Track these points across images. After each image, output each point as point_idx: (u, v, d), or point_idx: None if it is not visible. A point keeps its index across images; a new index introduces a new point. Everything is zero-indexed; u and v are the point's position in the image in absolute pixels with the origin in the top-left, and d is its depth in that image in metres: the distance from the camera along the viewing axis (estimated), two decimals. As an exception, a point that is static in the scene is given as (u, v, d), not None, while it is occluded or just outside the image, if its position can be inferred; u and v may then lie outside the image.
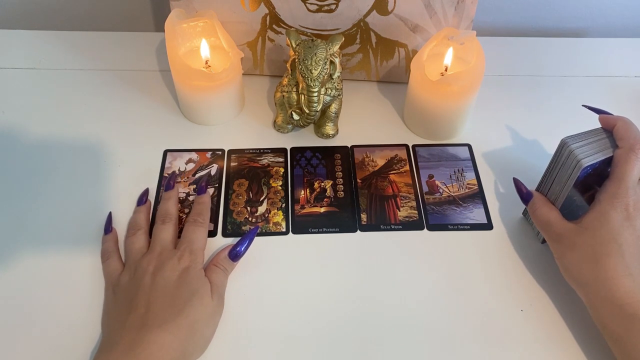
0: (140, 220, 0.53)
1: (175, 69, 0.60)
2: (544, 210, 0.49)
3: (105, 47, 0.72)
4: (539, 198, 0.51)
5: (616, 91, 0.69)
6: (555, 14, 0.78)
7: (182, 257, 0.48)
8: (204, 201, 0.55)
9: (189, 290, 0.45)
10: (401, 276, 0.51)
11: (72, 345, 0.47)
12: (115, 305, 0.46)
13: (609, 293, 0.43)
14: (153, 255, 0.48)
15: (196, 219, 0.52)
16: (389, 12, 0.61)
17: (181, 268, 0.47)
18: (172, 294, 0.45)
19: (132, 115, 0.64)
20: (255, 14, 0.62)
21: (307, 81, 0.55)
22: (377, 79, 0.68)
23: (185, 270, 0.47)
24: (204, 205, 0.54)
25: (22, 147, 0.60)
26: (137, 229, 0.52)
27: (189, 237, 0.50)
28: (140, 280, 0.46)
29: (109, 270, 0.50)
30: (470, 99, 0.60)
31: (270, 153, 0.61)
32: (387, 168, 0.60)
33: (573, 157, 0.46)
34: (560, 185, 0.49)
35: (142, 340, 0.41)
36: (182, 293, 0.45)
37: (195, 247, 0.49)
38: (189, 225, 0.52)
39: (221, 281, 0.49)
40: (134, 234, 0.51)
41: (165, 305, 0.44)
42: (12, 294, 0.49)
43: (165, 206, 0.53)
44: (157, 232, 0.51)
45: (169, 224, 0.51)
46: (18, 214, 0.55)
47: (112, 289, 0.48)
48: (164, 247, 0.49)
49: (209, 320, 0.46)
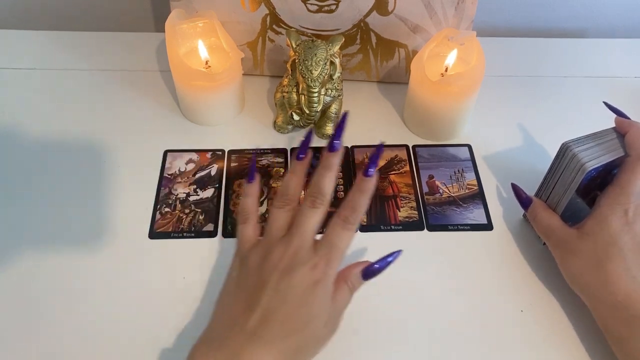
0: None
1: (175, 69, 0.60)
2: (545, 216, 0.49)
3: (105, 47, 0.72)
4: (539, 204, 0.51)
5: (616, 92, 0.69)
6: (555, 14, 0.78)
7: (317, 266, 0.41)
8: (366, 188, 0.43)
9: (311, 312, 0.40)
10: (401, 276, 0.51)
11: (72, 345, 0.47)
12: (235, 288, 0.42)
13: (611, 296, 0.43)
14: (288, 248, 0.42)
15: (347, 217, 0.43)
16: (389, 12, 0.61)
17: (312, 280, 0.40)
18: (292, 310, 0.39)
19: (132, 116, 0.64)
20: (255, 14, 0.62)
21: (307, 81, 0.55)
22: (377, 79, 0.68)
23: (315, 285, 0.40)
24: (363, 196, 0.43)
25: (22, 147, 0.60)
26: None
27: (331, 241, 0.42)
28: (267, 277, 0.40)
29: (242, 236, 0.45)
30: (470, 100, 0.60)
31: (271, 153, 0.61)
32: (387, 168, 0.60)
33: (576, 160, 0.46)
34: (563, 189, 0.48)
35: (246, 351, 0.38)
36: (303, 313, 0.40)
37: (334, 257, 0.42)
38: (336, 224, 0.43)
39: (345, 303, 0.43)
40: (280, 208, 0.45)
41: (281, 320, 0.39)
42: (12, 294, 0.49)
43: (318, 184, 0.44)
44: (301, 217, 0.43)
45: (321, 208, 0.43)
46: (18, 214, 0.55)
47: (240, 262, 0.44)
48: (302, 243, 0.42)
49: (315, 348, 0.41)
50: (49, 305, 0.49)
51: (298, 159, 0.46)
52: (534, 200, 0.51)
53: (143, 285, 0.50)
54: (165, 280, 0.51)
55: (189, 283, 0.51)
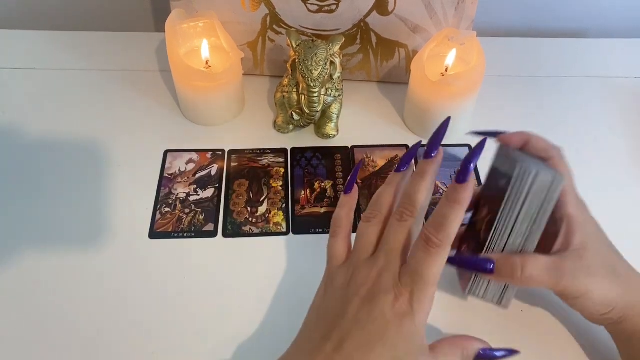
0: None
1: (175, 69, 0.60)
2: (528, 270, 0.39)
3: (105, 47, 0.72)
4: (504, 261, 0.40)
5: (616, 92, 0.69)
6: (555, 14, 0.78)
7: (401, 296, 0.36)
8: (458, 199, 0.36)
9: (391, 354, 0.35)
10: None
11: (72, 345, 0.46)
12: (317, 312, 0.39)
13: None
14: (371, 271, 0.37)
15: (430, 238, 0.36)
16: (390, 12, 0.61)
17: (394, 314, 0.35)
18: (369, 339, 0.35)
19: (132, 115, 0.64)
20: (255, 15, 0.62)
21: (307, 82, 0.56)
22: (378, 79, 0.68)
23: (399, 320, 0.35)
24: (452, 209, 0.36)
25: (22, 147, 0.60)
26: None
27: (414, 269, 0.36)
28: (349, 301, 0.37)
29: (331, 252, 0.41)
30: (470, 100, 0.60)
31: (271, 153, 0.61)
32: (388, 168, 0.60)
33: (543, 178, 0.38)
34: (530, 220, 0.40)
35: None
36: (382, 353, 0.35)
37: (419, 288, 0.36)
38: (418, 246, 0.36)
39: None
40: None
41: (355, 347, 0.35)
42: (12, 294, 0.49)
43: (408, 192, 0.39)
44: (388, 233, 0.39)
45: (409, 220, 0.38)
46: (18, 214, 0.55)
47: (326, 283, 0.40)
48: (388, 264, 0.37)
49: None
50: (49, 305, 0.49)
51: (396, 171, 0.42)
52: (497, 260, 0.40)
53: (143, 286, 0.50)
54: (165, 281, 0.51)
55: (189, 283, 0.51)
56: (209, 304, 0.49)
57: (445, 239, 0.36)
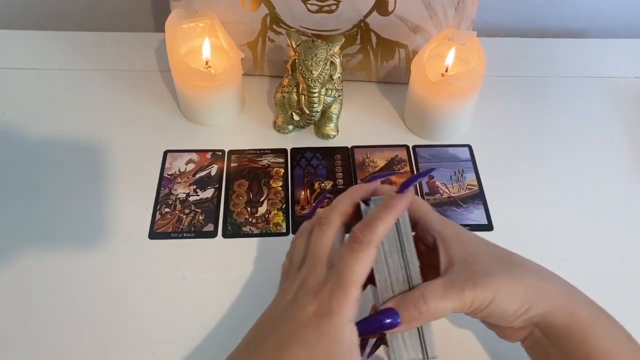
0: None
1: (175, 69, 0.60)
2: (427, 296, 0.36)
3: (105, 47, 0.72)
4: (403, 302, 0.37)
5: (616, 92, 0.69)
6: (555, 14, 0.78)
7: (322, 297, 0.35)
8: (392, 205, 0.37)
9: (307, 354, 0.34)
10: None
11: (72, 345, 0.47)
12: (264, 316, 0.39)
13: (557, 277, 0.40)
14: (300, 276, 0.38)
15: (356, 237, 0.36)
16: (390, 12, 0.61)
17: (313, 314, 0.35)
18: (286, 345, 0.34)
19: (132, 115, 0.64)
20: (255, 15, 0.62)
21: (307, 82, 0.56)
22: (378, 79, 0.68)
23: (317, 320, 0.35)
24: (383, 212, 0.37)
25: (22, 147, 0.60)
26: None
27: (338, 268, 0.36)
28: (277, 305, 0.38)
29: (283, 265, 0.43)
30: (470, 100, 0.60)
31: (271, 154, 0.61)
32: (388, 169, 0.60)
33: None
34: (395, 245, 0.39)
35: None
36: (298, 353, 0.34)
37: (343, 286, 0.35)
38: (345, 246, 0.37)
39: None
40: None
41: (268, 350, 0.35)
42: (12, 294, 0.49)
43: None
44: (311, 239, 0.40)
45: (326, 226, 0.39)
46: (18, 214, 0.55)
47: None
48: (313, 268, 0.38)
49: None
50: (49, 305, 0.49)
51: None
52: (395, 305, 0.37)
53: (143, 286, 0.50)
54: (165, 281, 0.51)
55: (189, 283, 0.51)
56: (208, 304, 0.49)
57: (371, 237, 0.36)
